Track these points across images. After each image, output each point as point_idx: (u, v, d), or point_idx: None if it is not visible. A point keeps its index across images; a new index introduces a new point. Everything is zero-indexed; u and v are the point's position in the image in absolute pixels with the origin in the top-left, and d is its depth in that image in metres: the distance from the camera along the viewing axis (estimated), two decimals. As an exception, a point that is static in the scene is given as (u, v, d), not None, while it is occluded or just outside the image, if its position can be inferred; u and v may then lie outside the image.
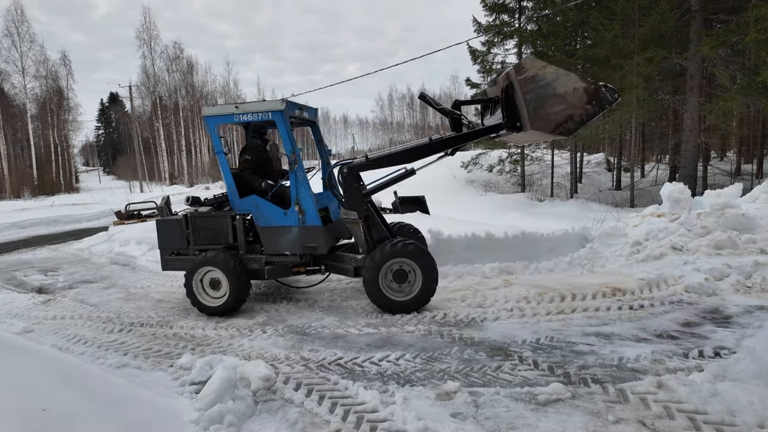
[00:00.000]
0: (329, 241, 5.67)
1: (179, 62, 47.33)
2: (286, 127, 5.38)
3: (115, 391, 3.26)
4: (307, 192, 5.44)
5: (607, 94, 4.73)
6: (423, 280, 5.12)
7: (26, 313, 6.15)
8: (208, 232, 5.76)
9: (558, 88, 4.75)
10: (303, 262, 5.75)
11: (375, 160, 5.46)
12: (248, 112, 5.48)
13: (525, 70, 4.81)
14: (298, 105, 5.88)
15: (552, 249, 7.28)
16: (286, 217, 5.53)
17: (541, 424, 2.93)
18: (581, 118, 4.79)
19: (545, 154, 21.66)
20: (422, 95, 5.79)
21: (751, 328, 3.62)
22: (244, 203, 5.68)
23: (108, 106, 69.13)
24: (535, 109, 4.81)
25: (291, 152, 5.39)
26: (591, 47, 17.39)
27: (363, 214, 5.36)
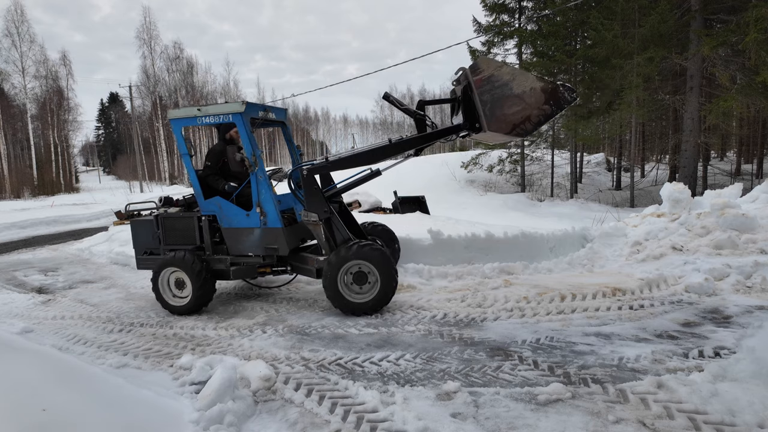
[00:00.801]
0: (292, 243, 5.69)
1: (179, 62, 47.36)
2: (246, 129, 5.42)
3: (115, 391, 3.25)
4: (268, 194, 5.48)
5: (565, 93, 4.68)
6: (381, 282, 5.11)
7: (26, 313, 6.15)
8: (176, 233, 5.89)
9: (515, 88, 4.70)
10: (267, 263, 5.79)
11: (335, 162, 5.49)
12: (210, 115, 5.57)
13: (481, 70, 4.75)
14: (262, 106, 5.91)
15: (552, 249, 7.29)
16: (248, 218, 5.59)
17: (541, 424, 2.93)
18: (539, 118, 4.74)
19: (545, 154, 21.67)
20: (386, 95, 5.82)
21: (751, 328, 3.62)
22: (208, 204, 5.76)
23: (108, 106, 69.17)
24: (491, 110, 4.77)
25: (251, 154, 5.44)
26: (591, 47, 17.40)
27: (323, 216, 5.39)
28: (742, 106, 14.97)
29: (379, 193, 13.99)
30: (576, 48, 19.93)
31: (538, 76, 4.81)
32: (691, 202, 7.61)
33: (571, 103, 4.75)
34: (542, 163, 21.75)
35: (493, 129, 4.83)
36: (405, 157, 5.72)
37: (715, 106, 14.00)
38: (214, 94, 53.40)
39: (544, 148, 21.54)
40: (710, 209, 7.05)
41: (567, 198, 19.82)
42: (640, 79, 15.59)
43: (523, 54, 20.51)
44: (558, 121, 20.36)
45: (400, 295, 5.76)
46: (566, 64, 18.49)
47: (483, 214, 14.12)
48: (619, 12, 15.85)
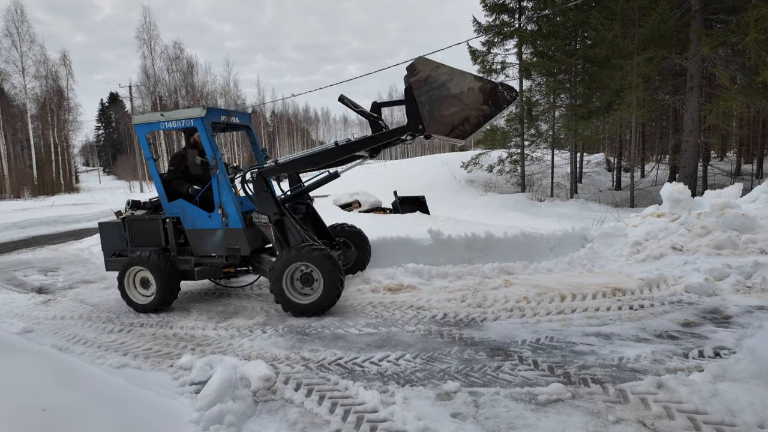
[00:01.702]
0: (253, 243, 5.82)
1: (179, 62, 47.33)
2: (207, 133, 5.59)
3: (115, 391, 3.25)
4: (229, 195, 5.63)
5: (504, 92, 4.60)
6: (324, 284, 5.17)
7: (26, 313, 6.15)
8: (142, 235, 6.07)
9: (452, 89, 4.62)
10: (230, 264, 5.92)
11: (284, 165, 5.63)
12: (173, 120, 5.76)
13: (418, 71, 4.70)
14: (225, 111, 6.09)
15: (552, 249, 7.29)
16: (210, 220, 5.75)
17: (541, 424, 2.93)
18: (478, 119, 4.66)
19: (545, 154, 21.67)
20: (341, 97, 5.87)
21: (751, 328, 3.62)
22: (171, 207, 5.93)
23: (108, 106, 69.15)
24: (430, 112, 4.72)
25: (212, 157, 5.61)
26: (591, 47, 17.40)
27: (274, 217, 5.52)
28: (742, 106, 14.98)
29: (379, 193, 13.99)
30: (576, 48, 19.92)
31: (476, 75, 4.72)
32: (691, 202, 7.61)
33: (511, 102, 4.65)
34: (542, 163, 21.74)
35: (432, 131, 4.80)
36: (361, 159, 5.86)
37: (715, 106, 14.00)
38: (214, 94, 53.40)
39: (544, 148, 21.53)
40: (710, 209, 7.05)
41: (567, 198, 19.82)
42: (640, 79, 15.58)
43: (523, 54, 20.49)
44: (558, 121, 20.36)
45: (400, 295, 5.76)
46: (566, 64, 18.48)
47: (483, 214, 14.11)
48: (619, 12, 15.84)
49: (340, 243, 6.64)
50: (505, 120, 21.09)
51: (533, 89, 21.62)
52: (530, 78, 20.97)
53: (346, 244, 6.70)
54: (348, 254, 6.69)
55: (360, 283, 6.29)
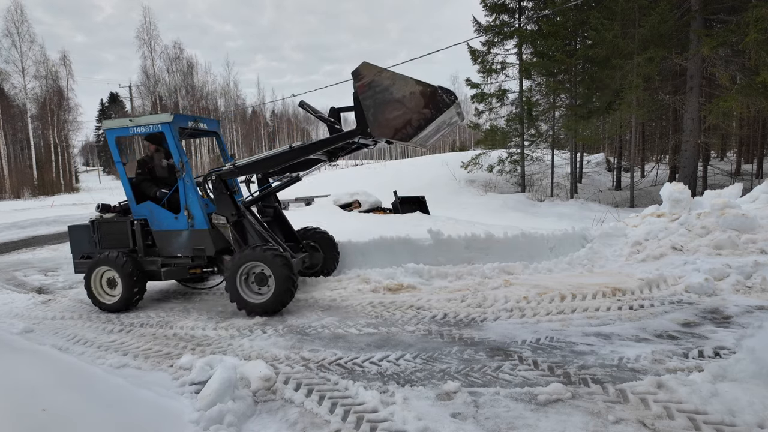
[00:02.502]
0: (218, 244, 5.93)
1: (179, 62, 47.35)
2: (174, 138, 5.77)
3: (115, 391, 3.25)
4: (194, 197, 5.79)
5: (443, 96, 4.68)
6: (276, 284, 5.27)
7: (26, 313, 6.15)
8: (111, 237, 6.20)
9: (395, 92, 4.72)
10: (197, 264, 6.06)
11: (241, 168, 5.81)
12: (141, 125, 5.94)
13: (362, 76, 4.80)
14: (193, 117, 6.29)
15: (552, 249, 7.29)
16: (177, 221, 5.93)
17: (541, 424, 2.93)
18: (419, 122, 4.75)
19: (545, 155, 21.67)
20: (301, 103, 6.06)
21: (751, 328, 3.61)
22: (139, 209, 6.11)
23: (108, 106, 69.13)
24: (374, 115, 4.82)
25: (179, 161, 5.77)
26: (591, 47, 17.41)
27: (232, 219, 5.71)
28: (742, 106, 14.97)
29: (379, 194, 14.00)
30: (576, 48, 19.93)
31: (417, 80, 4.80)
32: (691, 202, 7.61)
33: (449, 106, 4.72)
34: (542, 163, 21.74)
35: (377, 134, 4.93)
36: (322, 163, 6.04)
37: (715, 106, 14.00)
38: (214, 94, 53.42)
39: (544, 148, 21.54)
40: (710, 209, 7.05)
41: (567, 198, 19.82)
42: (640, 79, 15.59)
43: (523, 54, 20.50)
44: (558, 121, 20.37)
45: (400, 295, 5.76)
46: (566, 64, 18.49)
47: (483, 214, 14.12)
48: (619, 12, 15.85)
49: (307, 246, 6.81)
50: (505, 120, 21.11)
51: (533, 89, 21.63)
52: (530, 78, 20.99)
53: (314, 247, 6.85)
54: (315, 257, 6.84)
55: (360, 283, 6.29)
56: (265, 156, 5.79)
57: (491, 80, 21.43)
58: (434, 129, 5.19)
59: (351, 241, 7.25)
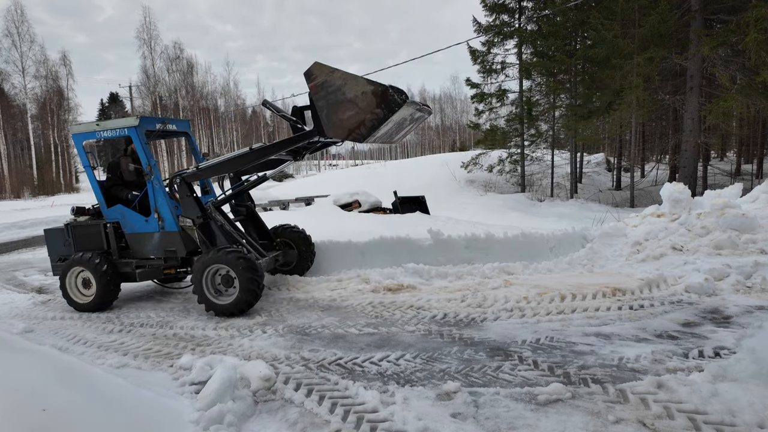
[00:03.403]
0: (188, 245, 6.01)
1: (179, 62, 47.34)
2: (141, 141, 5.84)
3: (115, 391, 3.26)
4: (163, 200, 5.87)
5: (395, 95, 4.66)
6: (240, 286, 5.33)
7: (26, 313, 6.15)
8: (85, 240, 6.29)
9: (347, 93, 4.72)
10: (170, 265, 6.15)
11: (204, 170, 5.88)
12: (108, 129, 6.02)
13: (314, 76, 4.80)
14: (161, 119, 6.33)
15: (552, 249, 7.29)
16: (148, 224, 6.02)
17: (541, 424, 2.93)
18: (372, 122, 4.74)
19: (545, 155, 21.67)
20: (264, 102, 6.15)
21: (751, 328, 3.61)
22: (111, 212, 6.21)
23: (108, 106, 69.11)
24: (328, 116, 4.83)
25: (146, 164, 5.84)
26: (591, 47, 17.40)
27: (198, 221, 5.80)
28: (742, 106, 14.98)
29: (379, 194, 14.00)
30: (576, 48, 19.93)
31: (368, 79, 4.80)
32: (691, 202, 7.61)
33: (401, 105, 4.70)
34: (542, 163, 21.74)
35: (331, 135, 4.96)
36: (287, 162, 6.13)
37: (715, 106, 14.00)
38: (214, 94, 53.41)
39: (544, 148, 21.54)
40: (710, 209, 7.05)
41: (567, 198, 19.82)
42: (640, 79, 15.58)
43: (523, 54, 20.49)
44: (558, 121, 20.37)
45: (400, 295, 5.76)
46: (566, 64, 18.49)
47: (483, 214, 14.12)
48: (619, 12, 15.85)
49: (281, 243, 6.87)
50: (505, 120, 21.11)
51: (533, 89, 21.63)
52: (530, 78, 20.99)
53: (288, 245, 6.90)
54: (289, 254, 6.90)
55: (360, 283, 6.29)
56: (227, 158, 5.88)
57: (491, 80, 21.45)
58: (394, 127, 5.21)
59: (351, 241, 7.25)
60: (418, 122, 5.96)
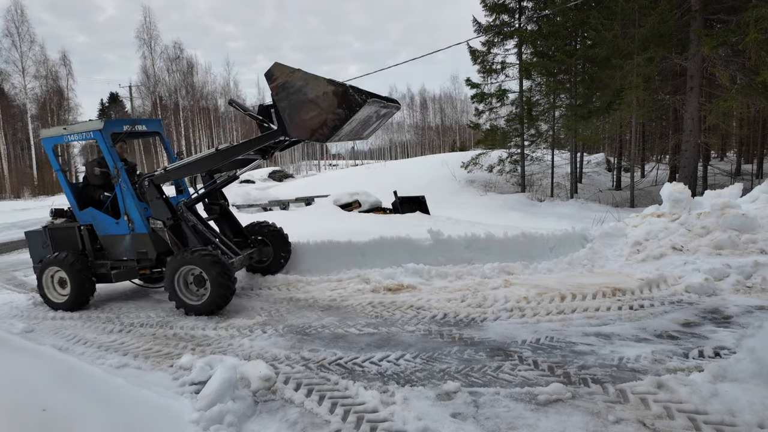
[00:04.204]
0: (159, 246, 6.09)
1: (179, 62, 47.32)
2: (107, 144, 5.90)
3: (115, 391, 3.25)
4: (132, 202, 5.96)
5: (355, 95, 4.69)
6: (212, 287, 5.41)
7: (26, 313, 6.16)
8: (62, 241, 6.39)
9: (309, 93, 4.74)
10: (144, 266, 6.25)
11: (171, 171, 5.99)
12: (74, 133, 6.12)
13: (275, 77, 4.82)
14: (128, 121, 6.42)
15: (552, 249, 7.28)
16: (118, 226, 6.12)
17: (541, 424, 2.93)
18: (334, 122, 4.76)
19: (545, 155, 21.67)
20: (230, 101, 6.17)
21: (751, 328, 3.61)
22: (83, 215, 6.30)
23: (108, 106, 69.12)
24: (290, 116, 4.86)
25: (113, 167, 5.93)
26: (591, 47, 17.41)
27: (168, 222, 5.88)
28: (742, 106, 14.97)
29: (379, 194, 14.00)
30: (576, 48, 19.93)
31: (329, 79, 4.81)
32: (691, 202, 7.61)
33: (362, 105, 4.72)
34: (542, 163, 21.74)
35: (294, 135, 4.99)
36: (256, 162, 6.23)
37: (715, 106, 14.00)
38: (214, 94, 53.39)
39: (544, 148, 21.53)
40: (710, 209, 7.04)
41: (567, 198, 19.82)
42: (640, 79, 15.58)
43: (523, 54, 20.49)
44: (558, 121, 20.37)
45: (400, 295, 5.76)
46: (566, 64, 18.50)
47: (483, 214, 14.12)
48: (619, 12, 15.84)
49: (256, 241, 6.92)
50: (505, 120, 21.11)
51: (533, 89, 21.63)
52: (530, 78, 20.99)
53: (263, 242, 6.96)
54: (264, 251, 6.96)
55: (360, 283, 6.29)
56: (194, 159, 5.96)
57: (491, 80, 21.44)
58: (359, 124, 5.23)
59: (351, 241, 7.25)
60: (386, 118, 5.99)
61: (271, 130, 5.36)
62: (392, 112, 5.94)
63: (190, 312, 5.56)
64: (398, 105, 6.07)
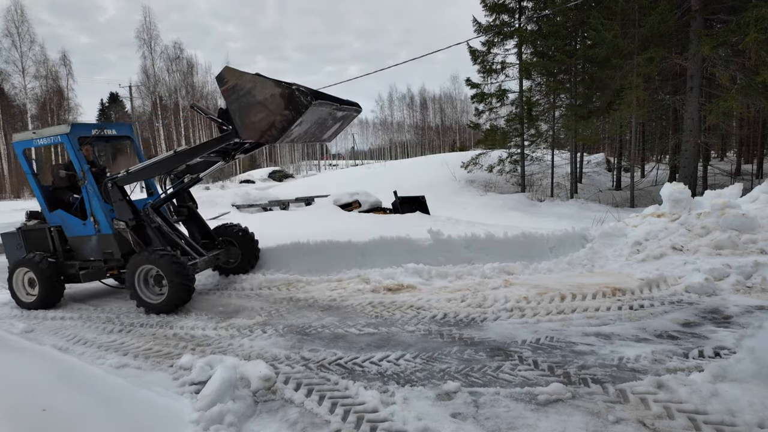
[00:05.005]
0: (124, 247, 6.21)
1: (179, 62, 47.31)
2: (73, 147, 6.07)
3: (115, 391, 3.26)
4: (98, 204, 6.12)
5: (301, 97, 4.76)
6: (170, 286, 5.57)
7: (26, 313, 6.16)
8: (34, 243, 6.58)
9: (257, 95, 4.83)
10: (111, 266, 6.40)
11: (133, 174, 6.13)
12: (43, 137, 6.31)
13: (225, 80, 4.92)
14: (97, 125, 6.63)
15: (552, 249, 7.28)
16: (85, 227, 6.29)
17: (541, 424, 2.93)
18: (282, 124, 4.84)
19: (545, 155, 21.67)
20: (192, 105, 6.44)
21: (751, 328, 3.61)
22: (52, 217, 6.49)
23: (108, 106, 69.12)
24: (241, 119, 4.96)
25: (80, 170, 6.08)
26: (591, 47, 17.40)
27: (131, 223, 6.06)
28: (742, 106, 14.97)
29: (379, 194, 14.00)
30: (576, 48, 19.93)
31: (276, 81, 4.89)
32: (691, 202, 7.60)
33: (308, 107, 4.79)
34: (542, 163, 21.74)
35: (244, 136, 5.07)
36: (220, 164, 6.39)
37: (715, 106, 13.99)
38: (214, 94, 53.32)
39: (544, 148, 21.53)
40: (710, 209, 7.04)
41: (567, 198, 19.82)
42: (640, 79, 15.58)
43: (523, 54, 20.49)
44: (558, 121, 20.37)
45: (400, 295, 5.76)
46: (566, 64, 18.50)
47: (483, 214, 14.11)
48: (619, 12, 15.84)
49: (223, 242, 7.07)
50: (505, 120, 21.11)
51: (533, 89, 21.63)
52: (530, 78, 20.98)
53: (231, 243, 7.09)
54: (231, 252, 7.10)
55: (360, 283, 6.29)
56: (154, 161, 6.10)
57: (491, 80, 21.44)
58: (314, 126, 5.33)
59: (351, 241, 7.25)
60: (347, 120, 6.07)
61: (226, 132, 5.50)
62: (352, 115, 6.04)
63: (150, 311, 5.70)
64: (359, 108, 6.18)
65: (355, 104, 6.03)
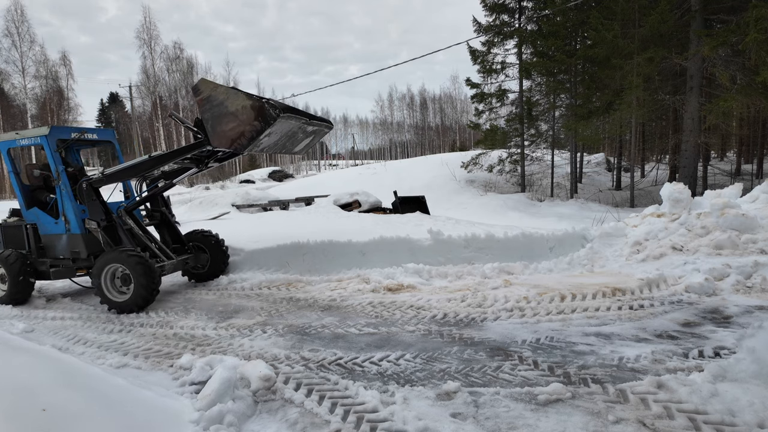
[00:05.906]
0: (90, 247, 6.37)
1: (179, 62, 47.31)
2: (51, 149, 6.28)
3: (115, 391, 3.25)
4: (69, 204, 6.27)
5: (270, 110, 5.03)
6: (135, 285, 5.72)
7: (26, 313, 6.15)
8: (10, 239, 6.81)
9: (229, 106, 5.11)
10: (80, 266, 6.55)
11: (108, 176, 6.30)
12: (25, 138, 6.55)
13: (200, 91, 5.20)
14: (77, 128, 6.88)
15: (552, 249, 7.29)
16: (57, 225, 6.45)
17: (541, 424, 2.93)
18: (251, 133, 5.11)
19: (545, 154, 21.66)
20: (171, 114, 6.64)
21: (751, 328, 3.61)
22: (28, 214, 6.69)
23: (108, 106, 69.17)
24: (213, 127, 5.23)
25: (55, 170, 6.25)
26: (591, 47, 17.38)
27: (102, 223, 6.22)
28: (742, 106, 14.96)
29: (379, 194, 14.01)
30: (576, 48, 19.91)
31: (248, 94, 5.18)
32: (691, 202, 7.60)
33: (276, 119, 5.04)
34: (542, 163, 21.73)
35: (215, 144, 5.32)
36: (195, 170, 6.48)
37: (715, 106, 13.99)
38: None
39: (544, 148, 21.52)
40: (710, 209, 7.04)
41: (567, 198, 19.81)
42: (640, 79, 15.57)
43: (523, 54, 20.48)
44: (558, 121, 20.36)
45: (400, 295, 5.76)
46: (566, 64, 18.48)
47: (483, 214, 14.12)
48: (619, 12, 15.83)
49: (194, 247, 7.20)
50: (505, 120, 21.10)
51: (533, 89, 21.61)
52: (530, 78, 20.97)
53: (201, 249, 7.22)
54: (200, 258, 7.23)
55: (360, 283, 6.29)
56: (129, 165, 6.25)
57: (491, 80, 21.42)
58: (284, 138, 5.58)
59: (351, 241, 7.26)
60: (318, 135, 6.33)
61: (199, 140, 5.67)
62: (323, 131, 6.30)
63: (113, 308, 5.85)
64: (330, 125, 6.45)
65: (327, 121, 6.32)
